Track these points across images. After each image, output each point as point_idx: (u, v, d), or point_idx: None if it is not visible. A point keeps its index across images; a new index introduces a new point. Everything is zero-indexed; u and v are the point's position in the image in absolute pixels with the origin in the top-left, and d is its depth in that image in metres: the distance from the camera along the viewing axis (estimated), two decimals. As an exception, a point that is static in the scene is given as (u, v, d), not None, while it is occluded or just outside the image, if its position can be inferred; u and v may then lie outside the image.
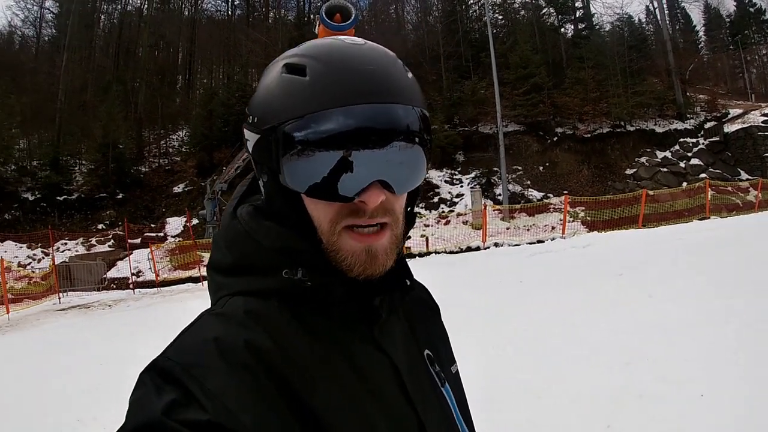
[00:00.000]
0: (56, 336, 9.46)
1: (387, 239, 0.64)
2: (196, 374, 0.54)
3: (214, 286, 0.71)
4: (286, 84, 0.62)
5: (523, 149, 27.66)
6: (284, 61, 0.64)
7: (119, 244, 22.98)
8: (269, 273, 0.65)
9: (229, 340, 0.58)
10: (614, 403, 3.58)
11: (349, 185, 0.59)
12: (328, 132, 0.58)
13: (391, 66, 0.63)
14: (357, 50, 0.63)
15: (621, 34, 32.83)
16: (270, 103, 0.63)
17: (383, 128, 0.59)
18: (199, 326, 0.62)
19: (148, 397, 0.54)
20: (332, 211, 0.62)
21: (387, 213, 0.63)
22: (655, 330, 4.77)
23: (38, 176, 27.73)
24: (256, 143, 0.65)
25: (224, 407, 0.52)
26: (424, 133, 0.63)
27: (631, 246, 10.29)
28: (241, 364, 0.56)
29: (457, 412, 0.75)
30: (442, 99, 29.48)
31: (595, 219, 19.70)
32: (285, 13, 39.30)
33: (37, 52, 37.11)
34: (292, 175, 0.61)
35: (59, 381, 5.71)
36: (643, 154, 27.54)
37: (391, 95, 0.60)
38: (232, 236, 0.69)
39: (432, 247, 18.54)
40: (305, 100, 0.59)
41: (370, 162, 0.59)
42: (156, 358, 0.58)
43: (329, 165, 0.59)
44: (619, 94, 28.35)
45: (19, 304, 14.83)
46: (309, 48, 0.64)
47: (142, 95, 33.69)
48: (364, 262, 0.63)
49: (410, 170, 0.63)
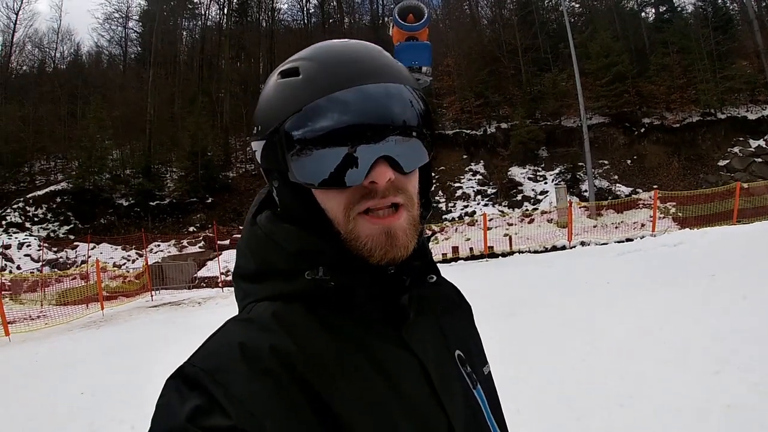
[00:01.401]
0: (146, 331, 10.11)
1: (404, 219, 0.64)
2: (220, 380, 0.54)
3: (240, 294, 0.71)
4: (282, 87, 0.65)
5: (609, 142, 26.50)
6: (279, 70, 0.67)
7: (209, 246, 24.01)
8: (292, 276, 0.65)
9: (253, 345, 0.58)
10: (700, 413, 3.39)
11: (356, 168, 0.60)
12: (328, 123, 0.60)
13: (376, 52, 0.66)
14: (344, 44, 0.67)
15: (705, 16, 30.82)
16: (270, 109, 0.65)
17: (379, 106, 0.61)
18: (225, 332, 0.62)
19: (172, 404, 0.54)
20: (344, 198, 0.63)
21: (399, 191, 0.63)
22: (748, 336, 4.46)
23: (131, 183, 29.74)
24: (262, 150, 0.67)
25: (248, 412, 0.52)
26: (418, 107, 0.64)
27: (724, 244, 9.74)
28: (265, 369, 0.56)
29: (489, 414, 0.73)
30: (521, 93, 28.76)
31: (686, 215, 18.55)
32: (359, 17, 40.06)
33: (125, 69, 39.89)
34: (300, 170, 0.62)
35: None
36: (736, 144, 25.69)
37: (378, 76, 0.62)
38: (254, 242, 0.70)
39: (515, 246, 18.17)
40: (300, 95, 0.62)
41: (374, 146, 0.60)
42: (182, 364, 0.58)
43: (334, 151, 0.60)
44: (708, 80, 26.51)
45: (114, 301, 16.02)
46: (301, 53, 0.68)
47: (226, 105, 35.14)
48: (384, 245, 0.63)
49: (414, 148, 0.64)
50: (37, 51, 39.03)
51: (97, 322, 12.65)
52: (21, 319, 13.27)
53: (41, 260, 23.54)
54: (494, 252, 17.89)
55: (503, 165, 26.36)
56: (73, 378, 6.45)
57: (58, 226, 27.14)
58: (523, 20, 31.15)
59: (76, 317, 13.32)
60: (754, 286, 5.93)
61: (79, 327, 11.94)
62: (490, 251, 17.94)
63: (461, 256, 18.02)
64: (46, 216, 27.31)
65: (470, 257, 17.91)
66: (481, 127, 28.50)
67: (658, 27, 31.22)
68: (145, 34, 39.31)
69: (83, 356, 7.94)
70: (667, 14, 32.54)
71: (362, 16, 41.20)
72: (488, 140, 27.92)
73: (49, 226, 26.97)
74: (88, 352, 8.30)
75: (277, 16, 41.89)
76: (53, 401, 5.51)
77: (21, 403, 5.59)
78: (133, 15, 40.72)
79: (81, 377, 6.43)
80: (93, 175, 28.33)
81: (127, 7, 40.17)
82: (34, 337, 10.89)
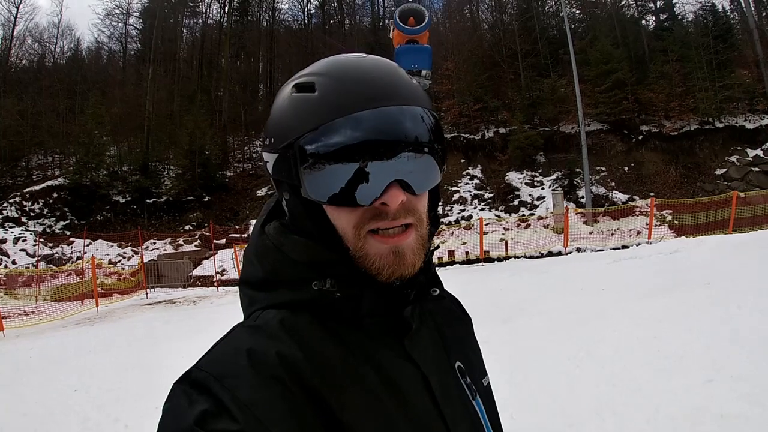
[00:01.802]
0: (139, 328, 10.08)
1: (413, 239, 0.65)
2: (228, 385, 0.55)
3: (246, 301, 0.72)
4: (298, 102, 0.65)
5: (607, 149, 26.56)
6: (293, 83, 0.67)
7: (205, 244, 23.99)
8: (299, 286, 0.66)
9: (261, 351, 0.58)
10: (692, 422, 3.40)
11: (369, 189, 0.61)
12: (342, 139, 0.60)
13: (393, 73, 0.67)
14: (360, 62, 0.67)
15: (705, 24, 30.94)
16: (284, 123, 0.66)
17: (394, 130, 0.62)
18: (233, 338, 0.63)
19: (180, 407, 0.55)
20: (355, 217, 0.63)
21: (410, 213, 0.64)
22: (742, 345, 4.48)
23: (129, 180, 29.66)
24: (275, 163, 0.67)
25: (255, 418, 0.53)
26: (434, 132, 0.65)
27: (720, 253, 9.76)
28: (272, 375, 0.56)
29: (487, 425, 0.74)
30: (520, 99, 28.83)
31: (683, 223, 18.63)
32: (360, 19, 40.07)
33: (125, 66, 39.76)
34: (313, 186, 0.63)
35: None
36: (734, 153, 25.76)
37: (396, 98, 0.63)
38: (262, 251, 0.71)
39: (511, 251, 18.25)
40: (317, 113, 0.62)
41: (387, 164, 0.61)
42: (189, 368, 0.59)
43: (348, 172, 0.61)
44: (706, 89, 26.61)
45: (109, 299, 16.01)
46: (315, 67, 0.68)
47: (225, 104, 35.08)
48: (392, 264, 0.64)
49: (427, 169, 0.65)
50: (37, 45, 39.00)
51: (92, 318, 12.63)
52: (15, 314, 13.24)
53: (37, 255, 23.44)
54: (490, 256, 17.91)
55: (501, 170, 26.39)
56: (67, 375, 6.43)
57: (55, 222, 27.03)
58: (524, 26, 31.26)
59: (70, 313, 13.32)
60: (749, 296, 5.93)
61: (74, 323, 11.93)
62: (486, 256, 17.96)
63: (457, 259, 18.04)
64: (43, 211, 27.20)
65: (466, 261, 17.93)
66: (480, 132, 28.52)
67: (658, 35, 31.35)
68: (145, 31, 39.24)
69: (77, 353, 7.91)
70: (667, 22, 32.67)
71: (363, 18, 41.30)
72: (486, 145, 27.92)
73: (46, 221, 26.86)
74: (83, 348, 8.27)
75: (278, 16, 41.99)
76: (47, 397, 5.49)
77: (15, 398, 5.57)
78: (133, 11, 40.71)
79: (75, 374, 6.41)
80: (90, 171, 28.18)
81: (128, 4, 40.07)
82: (28, 332, 10.87)
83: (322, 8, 41.20)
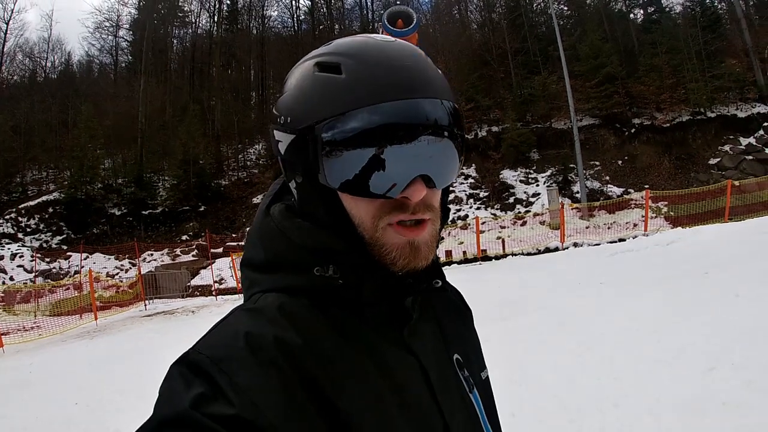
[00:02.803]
0: (139, 340, 10.08)
1: (428, 233, 0.65)
2: (225, 368, 0.54)
3: (247, 283, 0.71)
4: (322, 82, 0.62)
5: (600, 143, 26.59)
6: (315, 60, 0.64)
7: (202, 254, 23.89)
8: (301, 270, 0.65)
9: (259, 335, 0.58)
10: (695, 411, 3.39)
11: (393, 181, 0.60)
12: (369, 128, 0.58)
13: (423, 62, 0.65)
14: (389, 47, 0.64)
15: (693, 15, 31.08)
16: (305, 102, 0.63)
17: (426, 123, 0.60)
18: (231, 321, 0.62)
19: (176, 390, 0.54)
20: (374, 208, 0.62)
21: (427, 209, 0.64)
22: (742, 333, 4.47)
23: (124, 192, 29.63)
24: (290, 144, 0.65)
25: (251, 402, 0.52)
26: (456, 127, 0.64)
27: (717, 242, 9.82)
28: (270, 360, 0.56)
29: (484, 418, 0.73)
30: (512, 97, 28.84)
31: (678, 214, 18.62)
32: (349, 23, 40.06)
33: (116, 78, 39.58)
34: (334, 174, 0.61)
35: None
36: (726, 142, 25.84)
37: (428, 90, 0.62)
38: (265, 233, 0.69)
39: (509, 249, 18.18)
40: (344, 98, 0.60)
41: (415, 157, 0.60)
42: (187, 351, 0.58)
43: (373, 162, 0.59)
44: (697, 79, 26.68)
45: (108, 311, 15.94)
46: (340, 46, 0.65)
47: (218, 113, 35.07)
48: (408, 255, 0.63)
49: (451, 163, 0.64)
50: (27, 61, 38.91)
51: (91, 332, 12.59)
52: (15, 330, 13.19)
53: (34, 271, 23.36)
54: (487, 255, 17.89)
55: (495, 168, 26.41)
56: (68, 388, 6.42)
57: (51, 237, 26.96)
58: (513, 24, 31.33)
59: (69, 327, 13.27)
60: (747, 284, 5.94)
61: (73, 337, 11.89)
62: (484, 254, 17.95)
63: (455, 259, 18.02)
64: (39, 226, 27.13)
65: (464, 261, 17.90)
66: (472, 131, 28.56)
67: (647, 28, 31.42)
68: (135, 42, 39.21)
69: (77, 367, 7.90)
70: (655, 15, 32.78)
71: (352, 22, 41.17)
72: (479, 144, 27.94)
73: (42, 236, 26.79)
74: (82, 362, 8.26)
75: (268, 24, 41.98)
76: (48, 412, 5.48)
77: (16, 414, 5.56)
78: (123, 24, 40.74)
79: (75, 388, 6.40)
80: (85, 185, 28.16)
81: (117, 16, 40.20)
82: (27, 348, 10.84)
83: (312, 14, 41.20)
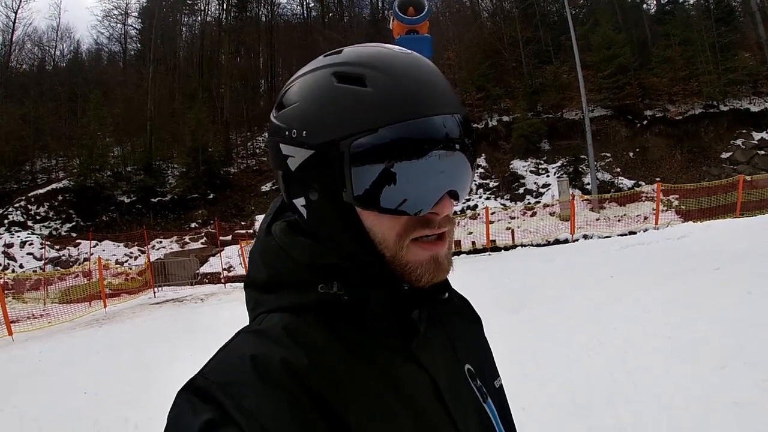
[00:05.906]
0: (149, 328, 10.10)
1: (447, 246, 0.65)
2: (232, 393, 0.53)
3: (251, 303, 0.69)
4: (344, 95, 0.59)
5: (612, 135, 26.40)
6: (333, 69, 0.61)
7: (211, 242, 24.14)
8: (305, 288, 0.64)
9: (265, 358, 0.56)
10: (707, 409, 3.34)
11: (424, 198, 0.59)
12: (406, 145, 0.57)
13: (443, 76, 0.65)
14: (412, 60, 0.63)
15: (707, 7, 30.62)
16: (325, 116, 0.60)
17: (458, 138, 0.60)
18: (236, 344, 0.60)
19: (184, 417, 0.53)
20: (400, 225, 0.61)
21: (449, 221, 0.64)
22: (754, 330, 4.39)
23: (133, 180, 29.83)
24: (306, 160, 0.61)
25: (261, 427, 0.51)
26: (474, 139, 0.64)
27: (728, 237, 9.66)
28: (277, 382, 0.55)
29: (500, 427, 0.72)
30: (523, 86, 28.68)
31: (690, 208, 18.57)
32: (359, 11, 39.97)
33: (125, 66, 39.84)
34: (364, 192, 0.58)
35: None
36: (739, 136, 25.56)
37: (453, 105, 0.62)
38: (267, 252, 0.68)
39: (518, 240, 18.21)
40: (373, 112, 0.58)
41: (442, 173, 0.59)
42: (193, 376, 0.57)
43: (406, 179, 0.58)
44: (710, 72, 26.38)
45: (117, 299, 16.06)
46: (359, 56, 0.62)
47: (227, 100, 35.10)
48: (433, 270, 0.63)
49: (470, 175, 0.64)
50: (36, 49, 38.99)
51: (100, 320, 12.67)
52: (24, 318, 13.34)
53: (44, 258, 23.60)
54: (497, 246, 17.91)
55: (505, 158, 26.31)
56: (77, 377, 6.44)
57: (60, 224, 27.19)
58: (524, 12, 31.01)
59: (78, 315, 13.36)
60: (759, 280, 5.86)
61: (82, 325, 11.95)
62: (493, 245, 17.96)
63: (464, 249, 18.02)
64: (48, 214, 27.36)
65: (473, 251, 17.89)
66: (483, 120, 28.42)
67: (660, 19, 31.08)
68: (144, 30, 39.28)
69: (86, 355, 7.93)
70: (668, 6, 32.37)
71: (362, 9, 41.19)
72: (490, 133, 27.81)
73: (51, 224, 27.02)
74: (91, 350, 8.30)
75: (277, 11, 41.95)
76: (57, 400, 5.50)
77: (25, 402, 5.58)
78: (132, 12, 40.74)
79: (84, 376, 6.42)
80: (94, 173, 28.37)
81: (126, 4, 40.11)
82: (37, 336, 10.91)
83: (321, 1, 41.11)
